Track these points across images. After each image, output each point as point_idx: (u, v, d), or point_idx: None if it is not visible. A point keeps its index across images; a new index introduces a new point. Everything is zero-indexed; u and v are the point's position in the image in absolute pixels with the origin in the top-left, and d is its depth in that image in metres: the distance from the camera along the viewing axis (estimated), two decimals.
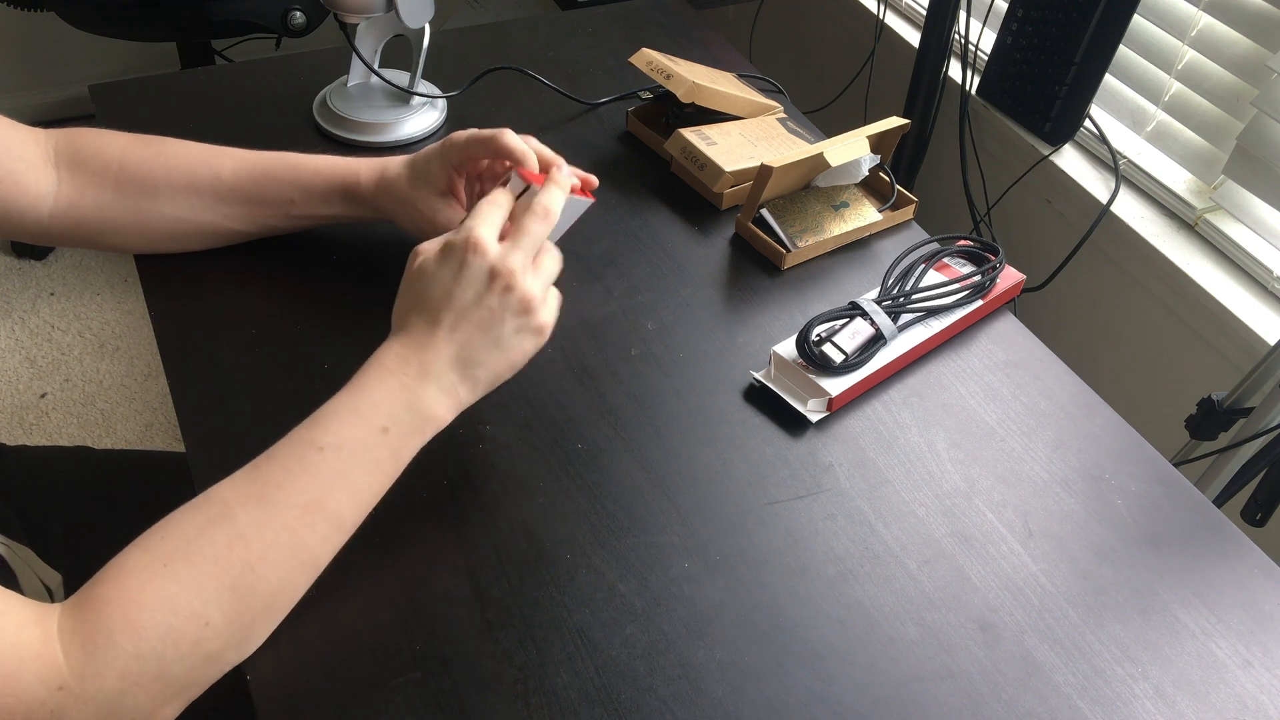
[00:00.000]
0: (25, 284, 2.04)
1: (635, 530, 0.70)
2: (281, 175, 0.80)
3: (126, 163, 0.78)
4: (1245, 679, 0.66)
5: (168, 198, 0.78)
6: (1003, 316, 0.89)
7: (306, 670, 0.60)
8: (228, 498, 0.59)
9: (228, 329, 0.80)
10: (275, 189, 0.80)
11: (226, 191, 0.79)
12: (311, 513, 0.60)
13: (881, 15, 1.75)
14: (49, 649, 0.53)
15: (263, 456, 0.61)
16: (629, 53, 1.05)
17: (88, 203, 0.77)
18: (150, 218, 0.79)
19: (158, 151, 0.79)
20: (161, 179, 0.78)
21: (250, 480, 0.60)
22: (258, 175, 0.79)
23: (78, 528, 0.87)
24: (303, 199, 0.80)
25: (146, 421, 1.83)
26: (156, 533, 0.58)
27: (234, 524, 0.58)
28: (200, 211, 0.79)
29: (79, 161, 0.77)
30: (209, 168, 0.79)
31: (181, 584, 0.56)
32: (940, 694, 0.63)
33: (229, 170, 0.79)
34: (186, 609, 0.55)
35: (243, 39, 1.84)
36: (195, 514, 0.59)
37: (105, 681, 0.53)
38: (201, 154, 0.80)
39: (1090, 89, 1.42)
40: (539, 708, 0.60)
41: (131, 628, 0.54)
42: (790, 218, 0.92)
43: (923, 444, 0.78)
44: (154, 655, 0.54)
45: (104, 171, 0.77)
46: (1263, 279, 1.27)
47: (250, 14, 1.63)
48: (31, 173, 0.75)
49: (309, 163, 0.80)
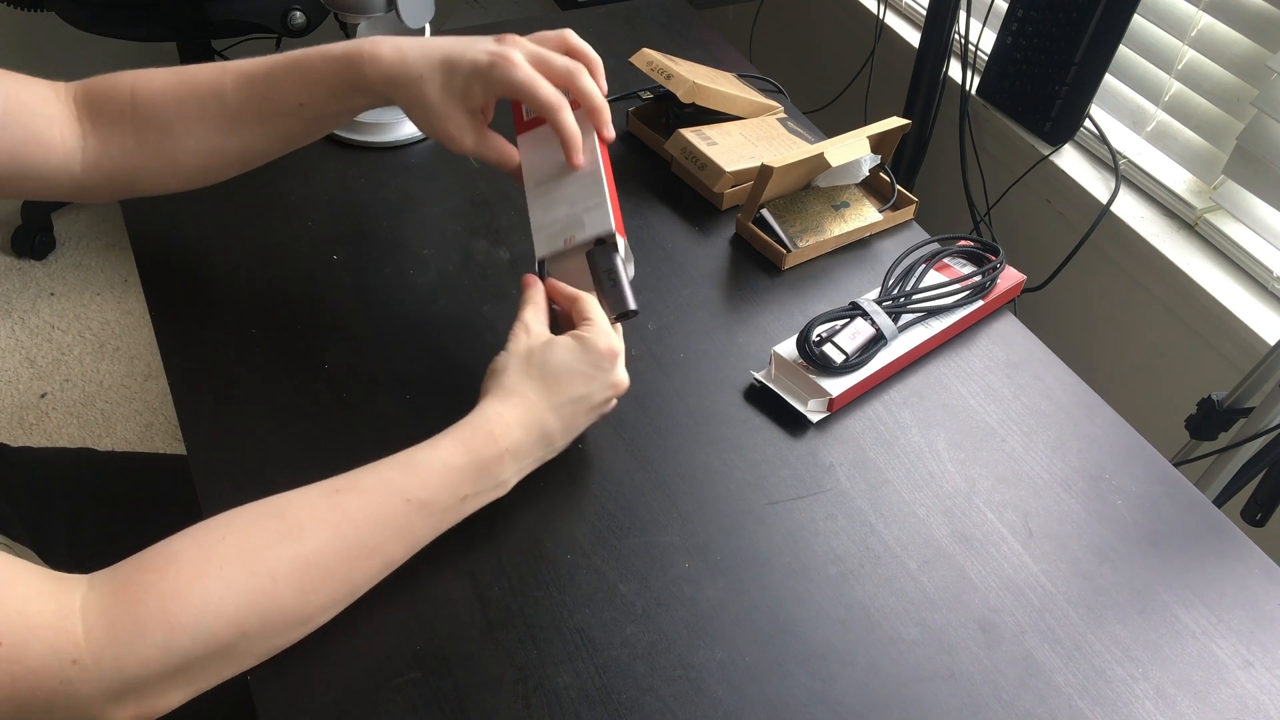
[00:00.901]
0: (25, 284, 2.04)
1: (635, 530, 0.70)
2: (284, 79, 0.75)
3: (138, 102, 0.75)
4: (1245, 679, 0.66)
5: (183, 132, 0.75)
6: (1003, 316, 0.89)
7: (307, 670, 0.60)
8: (302, 517, 0.59)
9: (228, 329, 0.80)
10: (281, 96, 0.75)
11: (235, 113, 0.75)
12: (373, 556, 0.61)
13: (881, 15, 1.75)
14: (66, 621, 0.52)
15: (345, 481, 0.62)
16: (629, 53, 1.05)
17: (115, 150, 0.75)
18: (175, 154, 0.76)
19: (163, 84, 0.75)
20: (174, 115, 0.75)
21: (330, 505, 0.60)
22: (260, 86, 0.75)
23: (80, 529, 0.87)
24: (311, 99, 0.75)
25: (146, 421, 1.83)
26: (214, 530, 0.58)
27: (302, 546, 0.58)
28: (219, 139, 0.76)
29: (97, 109, 0.74)
30: (214, 93, 0.75)
31: (233, 588, 0.55)
32: (941, 694, 0.63)
33: (231, 89, 0.75)
34: (231, 615, 0.55)
35: (243, 39, 1.85)
36: (264, 523, 0.59)
37: (125, 666, 0.53)
38: (206, 78, 0.76)
39: (1090, 89, 1.42)
40: (539, 708, 0.60)
41: (167, 621, 0.54)
42: (790, 218, 0.92)
43: (923, 444, 0.78)
44: (182, 652, 0.54)
45: (120, 117, 0.74)
46: (1263, 279, 1.27)
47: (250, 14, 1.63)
48: (57, 130, 0.73)
49: (310, 58, 0.75)
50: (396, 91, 0.74)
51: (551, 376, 0.67)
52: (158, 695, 0.55)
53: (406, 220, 0.91)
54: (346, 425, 0.74)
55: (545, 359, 0.68)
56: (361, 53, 0.73)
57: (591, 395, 0.68)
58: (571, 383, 0.67)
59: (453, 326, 0.82)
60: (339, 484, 0.62)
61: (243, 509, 0.60)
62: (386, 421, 0.74)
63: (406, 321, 0.82)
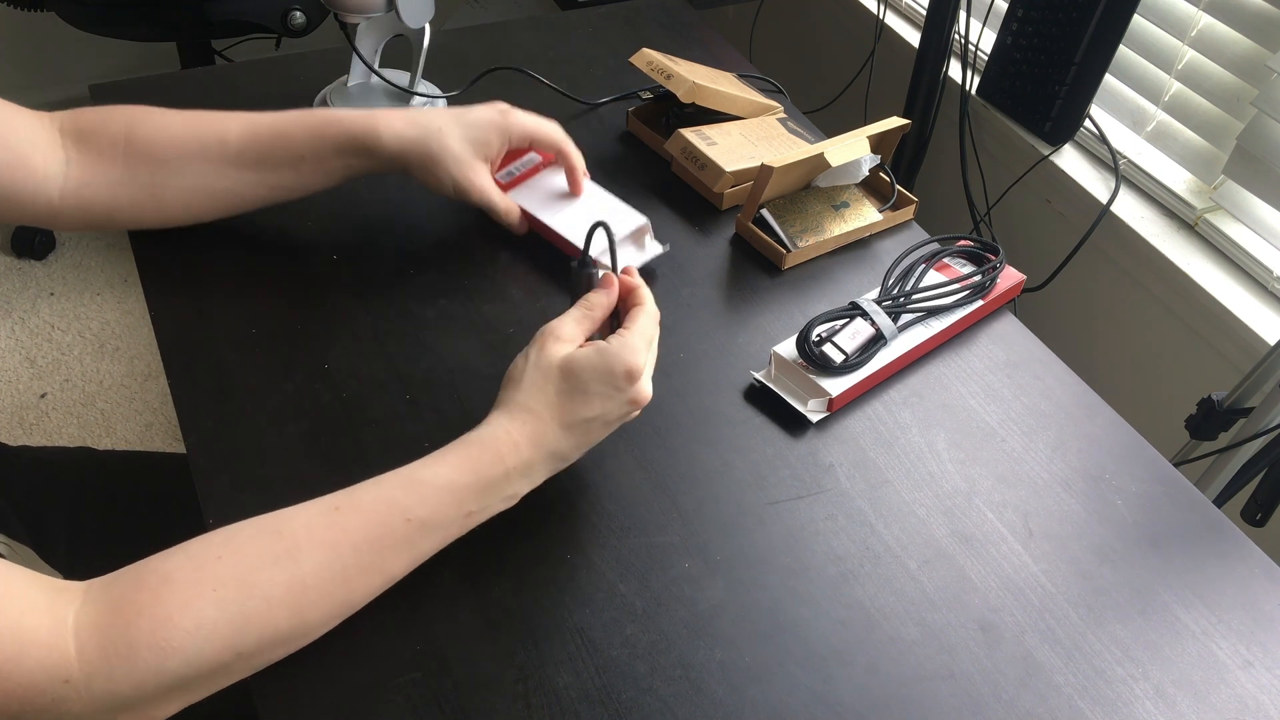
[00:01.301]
0: (25, 284, 2.04)
1: (635, 530, 0.70)
2: (290, 131, 0.78)
3: (134, 136, 0.76)
4: (1245, 679, 0.66)
5: (177, 168, 0.77)
6: (1003, 316, 0.89)
7: (307, 670, 0.60)
8: (299, 537, 0.58)
9: (228, 329, 0.80)
10: (284, 146, 0.78)
11: (235, 155, 0.77)
12: (373, 574, 0.61)
13: (881, 15, 1.75)
14: (59, 640, 0.52)
15: (345, 497, 0.61)
16: (629, 53, 1.05)
17: (99, 181, 0.76)
18: (162, 190, 0.77)
19: (164, 122, 0.77)
20: (170, 150, 0.77)
21: (327, 525, 0.59)
22: (265, 134, 0.78)
23: (80, 528, 0.87)
24: (314, 153, 0.78)
25: (146, 421, 1.83)
26: (210, 549, 0.57)
27: (299, 566, 0.57)
28: (212, 179, 0.78)
29: (86, 140, 0.76)
30: (216, 133, 0.77)
31: (227, 613, 0.55)
32: (941, 694, 0.63)
33: (235, 133, 0.77)
34: (224, 639, 0.55)
35: (243, 39, 1.84)
36: (260, 543, 0.58)
37: (118, 688, 0.53)
38: (208, 120, 0.78)
39: (1090, 89, 1.42)
40: (539, 708, 0.60)
41: (159, 644, 0.53)
42: (790, 218, 0.92)
43: (923, 444, 0.78)
44: (174, 674, 0.54)
45: (112, 148, 0.76)
46: (1263, 279, 1.27)
47: (250, 14, 1.63)
48: (39, 155, 0.74)
49: (319, 114, 0.79)
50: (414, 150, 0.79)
51: (567, 394, 0.65)
52: (151, 711, 0.55)
53: (407, 220, 0.91)
54: (346, 425, 0.74)
55: (564, 373, 0.65)
56: (376, 117, 0.79)
57: (608, 414, 0.66)
58: (588, 402, 0.65)
59: (453, 326, 0.82)
60: (339, 501, 0.61)
61: (241, 526, 0.59)
62: (386, 421, 0.74)
63: (406, 321, 0.82)
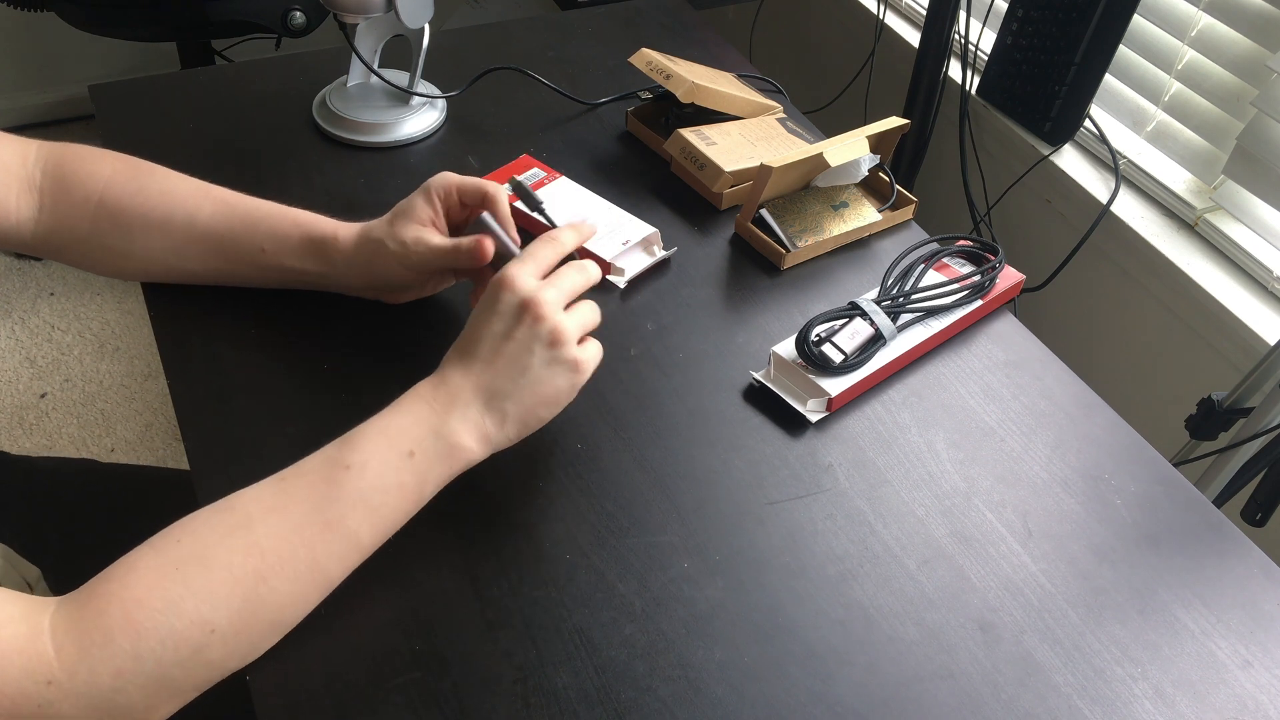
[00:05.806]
0: (25, 284, 2.04)
1: (635, 530, 0.70)
2: (257, 222, 0.78)
3: (107, 197, 0.76)
4: (1245, 679, 0.66)
5: (140, 237, 0.77)
6: (1002, 316, 0.89)
7: (306, 670, 0.60)
8: (249, 508, 0.60)
9: (228, 329, 0.80)
10: (248, 237, 0.78)
11: (199, 236, 0.78)
12: (331, 531, 0.61)
13: (881, 15, 1.75)
14: (36, 644, 0.53)
15: (290, 469, 0.62)
16: (629, 53, 1.05)
17: (65, 234, 0.77)
18: (123, 258, 0.78)
19: (140, 187, 0.77)
20: (137, 218, 0.77)
21: (274, 492, 0.61)
22: (234, 221, 0.78)
23: (76, 541, 0.87)
24: (274, 248, 0.78)
25: (146, 421, 1.83)
26: (171, 535, 0.58)
27: (252, 534, 0.58)
28: (169, 255, 0.78)
29: (63, 188, 0.76)
30: (186, 210, 0.77)
31: (191, 588, 0.56)
32: (940, 694, 0.63)
33: (206, 214, 0.77)
34: (193, 614, 0.55)
35: (243, 39, 1.84)
36: (214, 520, 0.59)
37: (99, 679, 0.53)
38: (184, 193, 0.78)
39: (1090, 89, 1.42)
40: (539, 708, 0.60)
41: (132, 627, 0.54)
42: (790, 218, 0.92)
43: (922, 444, 0.78)
44: (153, 657, 0.54)
45: (84, 203, 0.76)
46: (1263, 279, 1.27)
47: (250, 14, 1.63)
48: (13, 197, 0.75)
49: (288, 213, 0.79)
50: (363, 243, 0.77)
51: (469, 324, 0.68)
52: (142, 711, 0.55)
53: None
54: (346, 425, 0.74)
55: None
56: (337, 224, 0.78)
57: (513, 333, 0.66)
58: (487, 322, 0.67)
59: (453, 326, 0.82)
60: (284, 473, 0.62)
61: (198, 512, 0.60)
62: None
63: (406, 321, 0.82)
